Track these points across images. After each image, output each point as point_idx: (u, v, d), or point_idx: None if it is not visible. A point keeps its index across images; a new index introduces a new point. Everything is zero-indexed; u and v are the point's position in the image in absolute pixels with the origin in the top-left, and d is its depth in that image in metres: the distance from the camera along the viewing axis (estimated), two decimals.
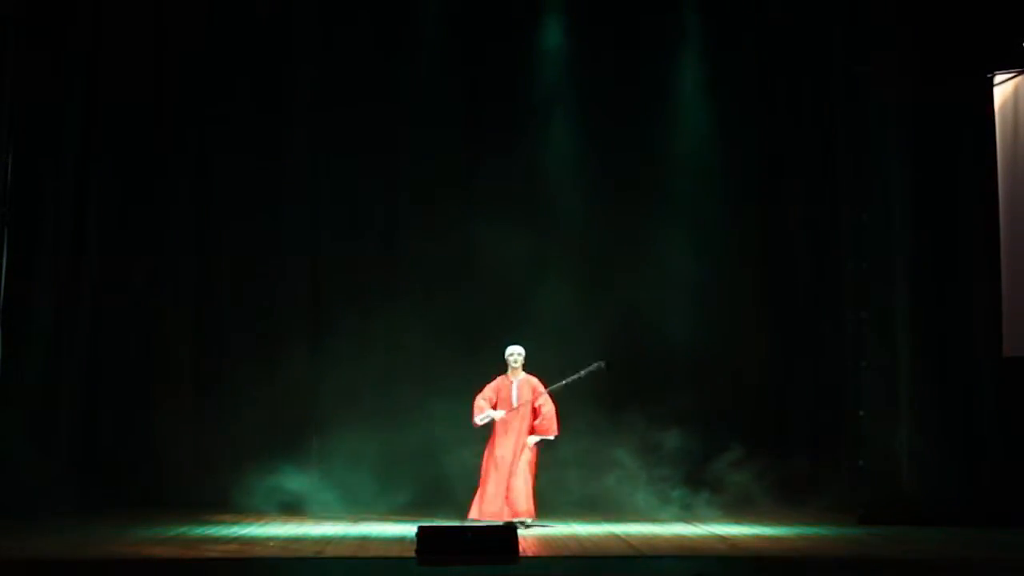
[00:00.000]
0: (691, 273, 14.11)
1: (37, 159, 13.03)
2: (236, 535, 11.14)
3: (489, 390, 11.98)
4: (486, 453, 11.93)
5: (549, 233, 14.19)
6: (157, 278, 13.94)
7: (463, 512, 12.32)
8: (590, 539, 11.00)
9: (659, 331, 13.96)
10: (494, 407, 11.91)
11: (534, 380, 12.04)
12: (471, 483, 12.20)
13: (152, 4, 13.81)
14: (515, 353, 12.01)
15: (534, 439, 11.94)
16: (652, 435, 13.38)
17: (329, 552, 10.07)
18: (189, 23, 13.91)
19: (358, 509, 13.07)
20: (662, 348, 13.96)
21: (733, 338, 14.28)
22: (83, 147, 13.30)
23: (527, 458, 11.84)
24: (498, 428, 11.90)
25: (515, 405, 11.88)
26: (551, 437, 12.03)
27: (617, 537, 11.09)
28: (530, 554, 9.92)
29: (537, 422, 11.94)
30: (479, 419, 11.88)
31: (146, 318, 13.88)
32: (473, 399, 11.94)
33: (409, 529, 10.74)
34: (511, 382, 11.98)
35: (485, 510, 11.74)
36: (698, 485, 13.28)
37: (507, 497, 11.71)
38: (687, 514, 12.76)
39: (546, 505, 12.32)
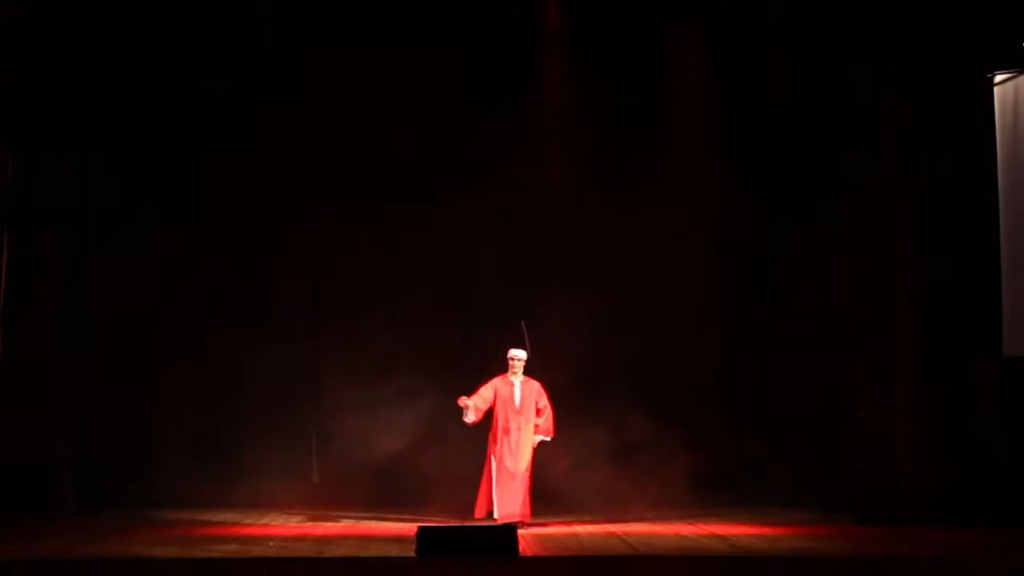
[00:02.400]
0: (690, 272, 14.11)
1: (37, 159, 13.03)
2: (236, 535, 11.14)
3: (487, 390, 11.94)
4: (493, 453, 11.87)
5: (549, 230, 14.18)
6: (157, 278, 13.93)
7: (463, 512, 12.34)
8: (590, 539, 11.01)
9: (658, 331, 13.96)
10: (492, 407, 11.89)
11: (536, 384, 12.03)
12: (471, 482, 12.21)
13: (152, 4, 13.79)
14: (516, 358, 12.00)
15: (538, 438, 11.94)
16: (649, 435, 13.41)
17: (329, 552, 10.08)
18: (189, 22, 13.89)
19: (358, 509, 13.07)
20: (661, 348, 13.95)
21: (733, 338, 14.29)
22: (83, 147, 13.30)
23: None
24: (503, 428, 11.84)
25: (517, 405, 11.88)
26: (549, 438, 12.05)
27: (617, 537, 11.09)
28: (530, 554, 9.92)
29: (540, 421, 11.95)
30: (468, 418, 11.86)
31: (146, 318, 13.88)
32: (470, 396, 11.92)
33: (409, 529, 10.75)
34: (512, 383, 11.97)
35: (503, 510, 11.69)
36: (696, 484, 13.29)
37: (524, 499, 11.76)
38: (688, 513, 12.77)
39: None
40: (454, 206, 13.82)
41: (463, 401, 11.84)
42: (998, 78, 12.33)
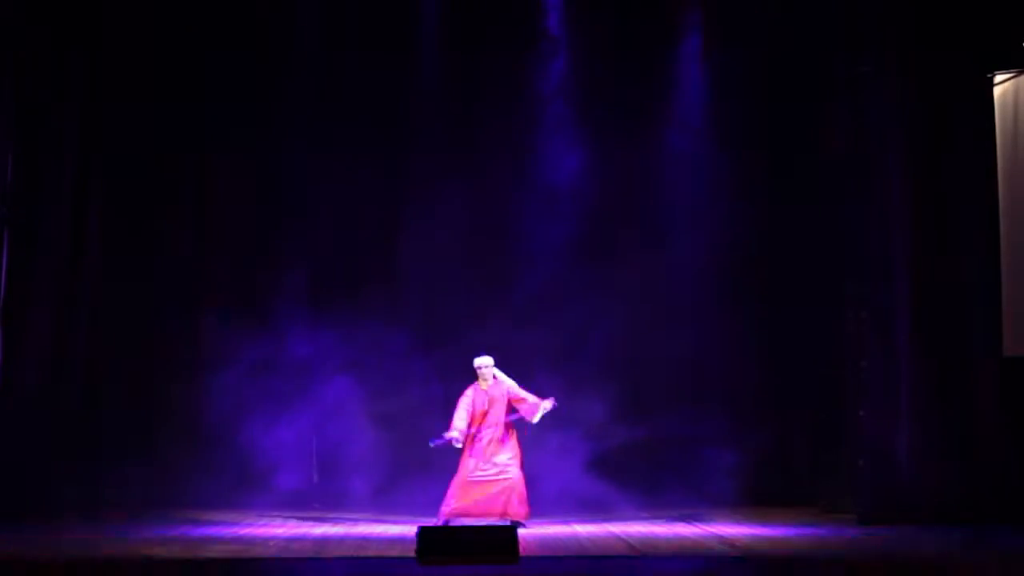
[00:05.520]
0: (690, 272, 14.11)
1: (37, 159, 13.03)
2: (236, 535, 11.14)
3: (464, 407, 11.88)
4: (463, 458, 11.91)
5: (550, 230, 14.16)
6: (157, 278, 13.93)
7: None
8: (590, 539, 11.00)
9: (658, 331, 13.96)
10: (470, 423, 11.86)
11: (507, 383, 12.00)
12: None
13: (153, 3, 13.79)
14: (484, 366, 11.98)
15: (537, 416, 11.87)
16: (649, 438, 13.42)
17: (329, 552, 10.08)
18: (189, 22, 13.90)
19: (359, 509, 13.07)
20: (661, 348, 13.95)
21: (733, 338, 14.28)
22: (83, 147, 13.29)
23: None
24: (471, 436, 11.83)
25: (485, 408, 11.85)
26: (547, 409, 11.93)
27: (617, 537, 11.09)
28: (530, 554, 9.91)
29: (524, 407, 11.88)
30: (458, 445, 11.85)
31: (146, 318, 13.87)
32: (453, 410, 11.94)
33: (409, 529, 10.75)
34: (485, 394, 11.95)
35: (457, 511, 11.74)
36: (697, 485, 13.29)
37: (504, 500, 11.76)
38: (688, 513, 12.77)
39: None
40: (455, 206, 13.86)
41: (449, 436, 11.81)
42: (998, 78, 12.32)
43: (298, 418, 13.66)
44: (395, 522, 12.13)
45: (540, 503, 12.76)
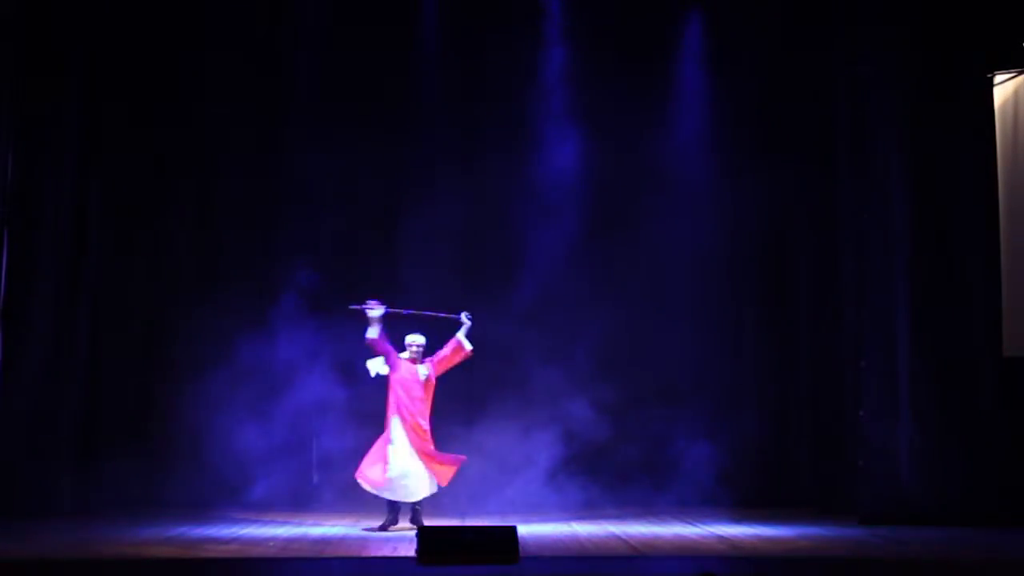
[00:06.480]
0: (690, 273, 14.11)
1: (37, 159, 13.03)
2: (236, 535, 11.14)
3: (391, 352, 11.72)
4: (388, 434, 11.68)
5: (549, 231, 14.17)
6: (157, 279, 13.93)
7: (464, 512, 12.34)
8: (590, 539, 11.00)
9: (658, 332, 13.96)
10: (389, 389, 11.68)
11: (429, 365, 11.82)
12: (471, 482, 12.21)
13: (153, 4, 13.79)
14: (415, 344, 11.80)
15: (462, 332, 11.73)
16: (649, 437, 13.42)
17: (329, 552, 10.07)
18: (189, 22, 13.91)
19: (357, 509, 13.07)
20: (661, 349, 13.95)
21: (732, 338, 14.29)
22: (83, 147, 13.30)
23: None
24: (398, 411, 11.64)
25: (419, 394, 11.65)
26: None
27: (617, 537, 11.09)
28: (530, 554, 9.91)
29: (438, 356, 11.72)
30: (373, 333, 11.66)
31: (146, 318, 13.88)
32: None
33: (409, 530, 10.75)
34: (414, 369, 11.74)
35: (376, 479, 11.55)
36: (697, 484, 13.29)
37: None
38: (688, 513, 12.78)
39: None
40: (455, 207, 13.87)
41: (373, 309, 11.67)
42: (998, 78, 12.33)
43: (298, 418, 13.67)
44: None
45: (539, 504, 12.79)
